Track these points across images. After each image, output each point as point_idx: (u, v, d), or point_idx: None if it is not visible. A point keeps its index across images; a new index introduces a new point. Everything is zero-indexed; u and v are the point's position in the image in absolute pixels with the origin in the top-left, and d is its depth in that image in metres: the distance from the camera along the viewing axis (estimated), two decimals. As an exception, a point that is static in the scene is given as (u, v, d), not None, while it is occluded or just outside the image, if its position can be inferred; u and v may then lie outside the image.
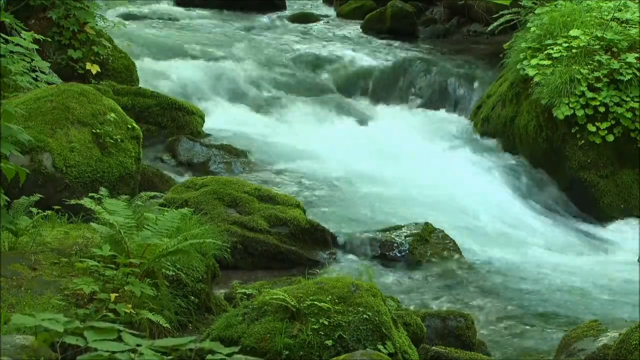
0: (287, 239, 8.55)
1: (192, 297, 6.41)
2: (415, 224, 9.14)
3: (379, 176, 10.79)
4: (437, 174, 11.02)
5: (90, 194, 6.60)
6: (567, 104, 10.55)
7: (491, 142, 11.89)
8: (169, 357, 3.29)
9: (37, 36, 9.37)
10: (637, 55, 10.73)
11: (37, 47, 9.34)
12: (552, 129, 10.85)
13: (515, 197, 10.76)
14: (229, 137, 11.44)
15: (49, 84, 9.35)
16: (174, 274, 6.23)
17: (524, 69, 11.15)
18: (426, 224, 9.12)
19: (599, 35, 10.97)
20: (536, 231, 10.09)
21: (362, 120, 13.17)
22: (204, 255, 6.67)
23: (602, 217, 10.49)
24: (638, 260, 9.22)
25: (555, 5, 11.80)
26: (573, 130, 10.65)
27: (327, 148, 11.66)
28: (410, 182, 10.65)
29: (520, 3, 12.69)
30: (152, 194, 7.40)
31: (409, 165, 11.31)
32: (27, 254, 6.02)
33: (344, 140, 12.04)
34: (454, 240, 9.04)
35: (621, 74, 10.56)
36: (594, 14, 11.42)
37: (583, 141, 10.60)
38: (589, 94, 10.53)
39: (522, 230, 10.08)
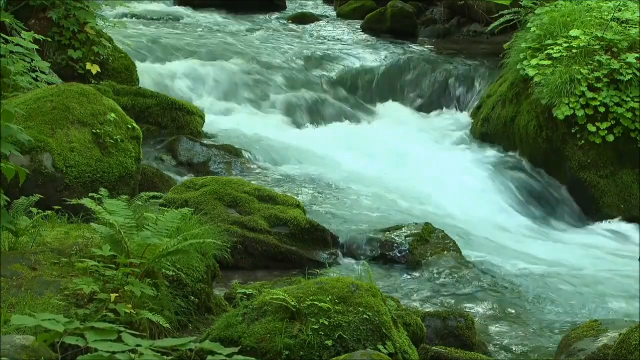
0: (287, 239, 8.55)
1: (192, 297, 6.41)
2: (415, 224, 9.14)
3: (379, 176, 10.80)
4: (437, 174, 11.03)
5: (90, 194, 6.60)
6: (567, 104, 10.55)
7: (491, 142, 11.89)
8: (169, 358, 3.29)
9: (37, 36, 9.36)
10: (637, 55, 10.73)
11: (37, 47, 9.34)
12: (552, 129, 10.86)
13: (515, 197, 10.77)
14: (229, 137, 11.44)
15: (49, 84, 9.34)
16: (174, 274, 6.22)
17: (524, 69, 11.15)
18: (426, 224, 9.12)
19: (599, 35, 10.97)
20: (536, 231, 10.09)
21: (362, 120, 13.17)
22: (204, 255, 6.66)
23: (602, 217, 10.50)
24: (638, 260, 9.22)
25: (555, 5, 11.81)
26: (573, 130, 10.65)
27: (327, 148, 11.67)
28: (410, 182, 10.66)
29: (520, 3, 12.70)
30: (152, 194, 7.39)
31: (408, 165, 11.31)
32: (27, 254, 6.02)
33: (343, 140, 12.04)
34: (454, 240, 9.03)
35: (621, 74, 10.56)
36: (594, 14, 11.43)
37: (583, 141, 10.61)
38: (589, 94, 10.53)
39: (522, 230, 10.09)
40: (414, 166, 11.27)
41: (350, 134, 12.35)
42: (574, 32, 11.06)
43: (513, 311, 7.99)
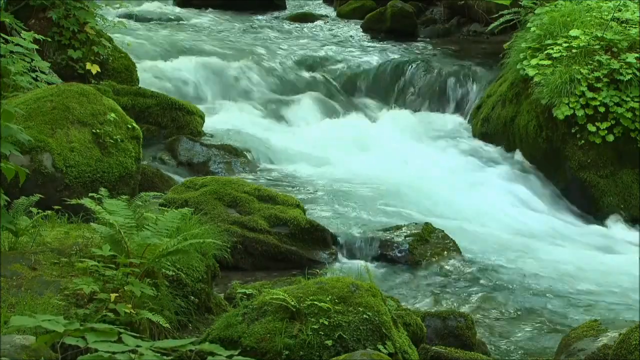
0: (287, 239, 8.55)
1: (192, 297, 6.41)
2: (415, 224, 9.14)
3: (379, 176, 10.80)
4: (436, 174, 11.03)
5: (90, 194, 6.60)
6: (567, 104, 10.55)
7: (491, 142, 11.89)
8: (169, 358, 3.29)
9: (37, 36, 9.37)
10: (637, 55, 10.73)
11: (37, 47, 9.34)
12: (552, 129, 10.86)
13: (515, 197, 10.76)
14: (229, 137, 11.44)
15: (49, 84, 9.35)
16: (174, 274, 6.22)
17: (524, 69, 11.15)
18: (426, 224, 9.12)
19: (599, 35, 10.97)
20: (536, 231, 10.08)
21: (362, 120, 13.17)
22: (204, 255, 6.66)
23: (602, 217, 10.49)
24: (638, 260, 9.21)
25: (555, 5, 11.81)
26: (573, 130, 10.65)
27: (327, 148, 11.67)
28: (410, 182, 10.66)
29: (520, 3, 12.70)
30: (152, 194, 7.39)
31: (408, 165, 11.32)
32: (27, 254, 6.02)
33: (343, 140, 12.04)
34: (454, 240, 9.04)
35: (621, 74, 10.56)
36: (594, 14, 11.43)
37: (583, 141, 10.60)
38: (589, 94, 10.53)
39: (522, 230, 10.08)
40: (414, 166, 11.27)
41: (350, 134, 12.35)
42: (574, 32, 11.06)
43: (513, 311, 7.99)
